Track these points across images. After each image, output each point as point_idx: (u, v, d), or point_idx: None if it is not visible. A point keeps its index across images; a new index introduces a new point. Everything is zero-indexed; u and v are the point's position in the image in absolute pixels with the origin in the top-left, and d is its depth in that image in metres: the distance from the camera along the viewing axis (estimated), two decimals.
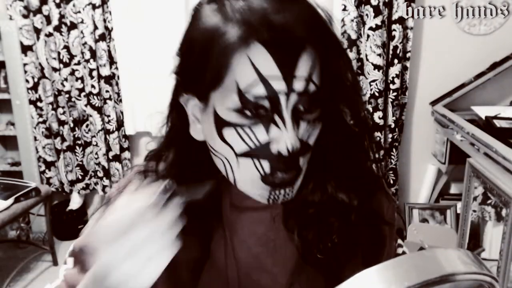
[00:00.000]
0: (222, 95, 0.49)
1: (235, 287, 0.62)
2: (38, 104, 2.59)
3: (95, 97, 2.51)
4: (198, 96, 0.52)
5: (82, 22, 2.39)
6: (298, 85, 0.48)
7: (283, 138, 0.49)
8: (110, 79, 2.49)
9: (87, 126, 2.59)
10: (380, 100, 2.26)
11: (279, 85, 0.47)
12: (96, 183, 2.72)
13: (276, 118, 0.49)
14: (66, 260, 0.61)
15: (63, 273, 0.57)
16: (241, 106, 0.48)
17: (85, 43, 2.42)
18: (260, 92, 0.47)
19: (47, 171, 2.70)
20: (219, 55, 0.47)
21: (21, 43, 2.49)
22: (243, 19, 0.47)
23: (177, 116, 0.58)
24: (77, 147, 2.63)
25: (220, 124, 0.50)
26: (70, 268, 0.58)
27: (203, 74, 0.49)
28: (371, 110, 2.25)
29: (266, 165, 0.51)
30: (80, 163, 2.66)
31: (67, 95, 2.54)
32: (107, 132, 2.57)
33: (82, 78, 2.51)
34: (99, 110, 2.53)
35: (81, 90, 2.53)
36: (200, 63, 0.50)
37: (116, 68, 2.50)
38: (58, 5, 2.40)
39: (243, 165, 0.51)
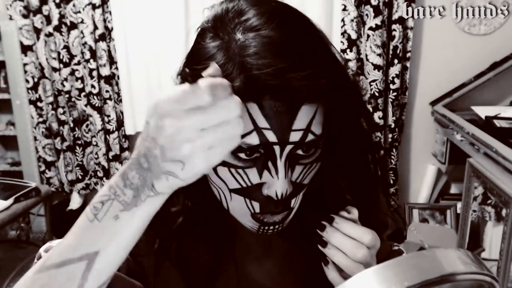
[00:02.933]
0: None
1: None
2: (38, 104, 2.59)
3: (95, 97, 2.51)
4: None
5: (82, 22, 2.39)
6: (295, 136, 0.47)
7: (275, 184, 0.48)
8: (110, 79, 2.49)
9: (87, 126, 2.59)
10: (380, 100, 2.26)
11: (274, 137, 0.46)
12: (96, 183, 2.72)
13: (270, 164, 0.48)
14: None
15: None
16: (235, 150, 0.47)
17: (85, 43, 2.42)
18: (254, 141, 0.46)
19: (47, 171, 2.70)
20: None
21: (21, 43, 2.49)
22: (244, 68, 0.44)
23: None
24: (77, 147, 2.63)
25: None
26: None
27: None
28: (371, 110, 2.25)
29: (256, 205, 0.51)
30: (80, 163, 2.66)
31: (67, 95, 2.54)
32: (107, 132, 2.57)
33: (82, 78, 2.51)
34: (99, 110, 2.53)
35: (81, 90, 2.53)
36: None
37: (116, 68, 2.50)
38: (58, 5, 2.40)
39: (235, 199, 0.51)
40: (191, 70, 0.48)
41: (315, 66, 0.46)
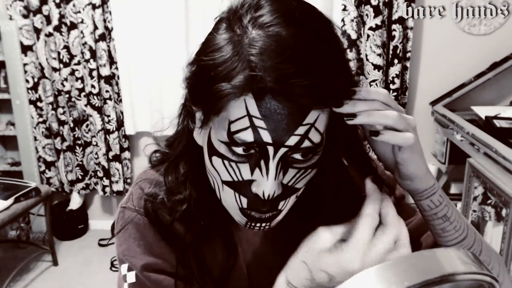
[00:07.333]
0: (217, 125, 0.48)
1: None
2: (38, 104, 2.59)
3: (95, 97, 2.51)
4: (202, 113, 0.51)
5: (82, 22, 2.39)
6: (291, 140, 0.46)
7: (263, 184, 0.48)
8: (110, 79, 2.49)
9: (87, 126, 2.59)
10: None
11: (269, 138, 0.45)
12: (96, 183, 2.72)
13: (262, 163, 0.48)
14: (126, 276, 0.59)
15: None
16: (231, 144, 0.47)
17: (85, 43, 2.42)
18: (248, 138, 0.46)
19: (47, 171, 2.70)
20: (220, 92, 0.44)
21: (21, 43, 2.49)
22: (248, 65, 0.43)
23: (188, 118, 0.57)
24: (77, 147, 2.63)
25: (211, 150, 0.50)
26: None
27: (205, 101, 0.48)
28: None
29: (244, 201, 0.51)
30: (80, 163, 2.66)
31: (67, 95, 2.54)
32: (107, 132, 2.57)
33: (82, 78, 2.51)
34: (99, 110, 2.53)
35: (81, 90, 2.53)
36: (204, 90, 0.47)
37: (116, 68, 2.50)
38: (58, 5, 2.40)
39: (226, 191, 0.52)
40: (199, 60, 0.48)
41: (321, 75, 0.43)
